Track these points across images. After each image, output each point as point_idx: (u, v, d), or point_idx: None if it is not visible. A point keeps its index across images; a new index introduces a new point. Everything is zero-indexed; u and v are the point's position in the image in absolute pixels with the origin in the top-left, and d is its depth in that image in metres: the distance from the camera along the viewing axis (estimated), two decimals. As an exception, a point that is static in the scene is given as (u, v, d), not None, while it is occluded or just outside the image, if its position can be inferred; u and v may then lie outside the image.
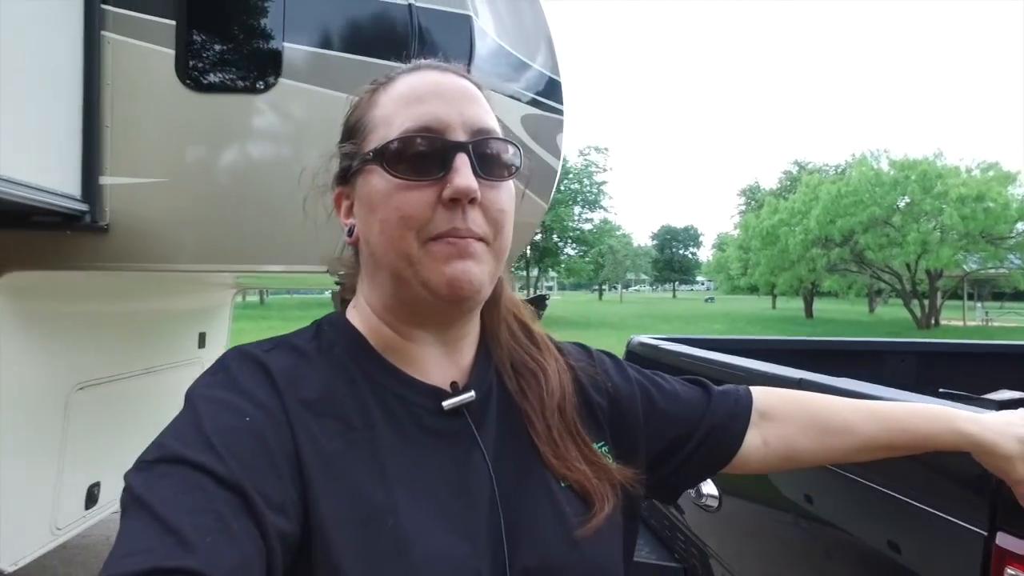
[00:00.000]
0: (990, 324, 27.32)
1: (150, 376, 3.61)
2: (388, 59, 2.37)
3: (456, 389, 0.67)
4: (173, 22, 2.33)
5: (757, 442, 0.82)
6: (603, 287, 76.98)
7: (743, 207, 62.37)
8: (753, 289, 45.89)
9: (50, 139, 2.20)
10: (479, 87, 0.68)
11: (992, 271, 26.02)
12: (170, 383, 3.85)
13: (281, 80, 2.33)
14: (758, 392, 0.85)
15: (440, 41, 2.43)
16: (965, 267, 25.20)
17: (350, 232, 0.70)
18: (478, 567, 0.59)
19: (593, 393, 0.76)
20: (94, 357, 3.05)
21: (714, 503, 1.56)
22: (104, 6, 2.29)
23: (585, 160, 39.56)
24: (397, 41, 2.37)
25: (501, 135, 0.66)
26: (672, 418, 0.79)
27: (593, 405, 0.75)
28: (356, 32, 2.39)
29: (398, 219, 0.61)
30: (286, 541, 0.52)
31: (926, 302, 25.95)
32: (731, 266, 45.30)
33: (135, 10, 2.30)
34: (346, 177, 0.69)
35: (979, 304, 32.08)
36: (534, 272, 37.48)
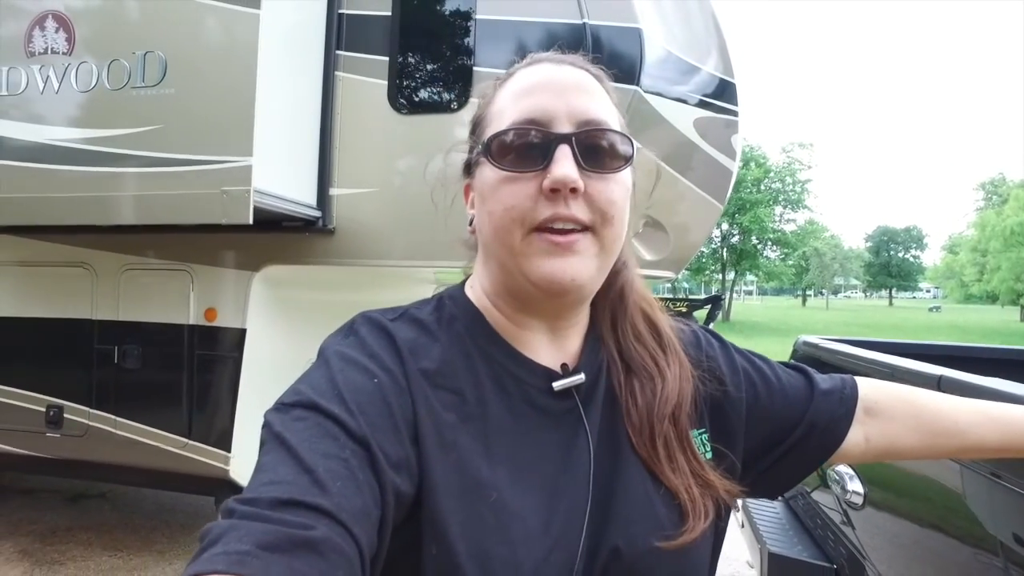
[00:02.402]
0: None
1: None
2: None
3: (566, 371, 0.69)
4: (387, 58, 2.79)
5: (858, 439, 0.78)
6: (807, 292, 70.81)
7: (981, 203, 53.69)
8: (992, 298, 39.35)
9: (297, 160, 2.77)
10: (599, 78, 0.68)
11: None
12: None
13: (472, 99, 2.68)
14: (865, 387, 0.81)
15: (612, 53, 2.61)
16: None
17: (471, 222, 0.72)
18: (573, 546, 0.61)
19: (697, 381, 0.73)
20: (322, 338, 3.69)
21: (859, 500, 1.56)
22: (338, 51, 2.82)
23: (788, 157, 36.84)
24: (571, 58, 2.60)
25: (615, 127, 0.64)
26: (774, 414, 0.76)
27: (697, 392, 0.73)
28: (536, 51, 2.66)
29: (503, 210, 0.62)
30: (401, 499, 0.54)
31: None
32: (964, 271, 39.31)
33: (360, 52, 2.81)
34: (469, 169, 0.71)
35: None
36: (730, 275, 35.69)
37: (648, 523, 0.63)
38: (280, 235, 2.88)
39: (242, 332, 3.00)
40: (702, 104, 2.98)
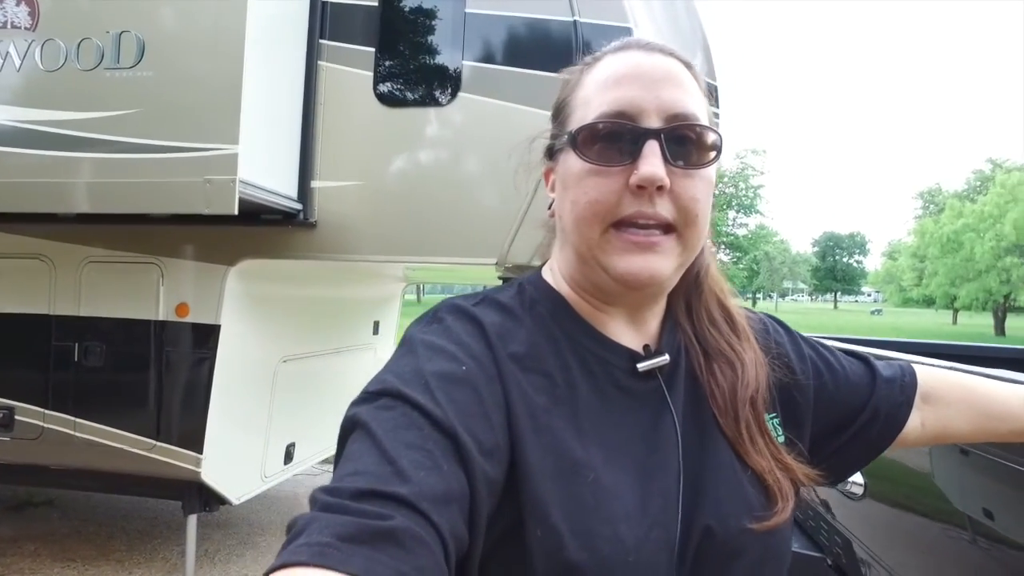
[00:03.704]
0: None
1: (336, 356, 4.15)
2: (555, 71, 2.59)
3: (648, 352, 0.69)
4: (372, 49, 2.73)
5: (915, 424, 0.80)
6: (757, 295, 72.86)
7: (920, 212, 56.28)
8: (929, 302, 41.26)
9: (278, 151, 2.68)
10: (688, 67, 0.65)
11: None
12: (349, 364, 4.39)
13: (461, 94, 2.64)
14: (922, 373, 0.83)
15: (601, 52, 2.61)
16: None
17: (550, 205, 0.72)
18: (668, 523, 0.61)
19: (768, 367, 0.74)
20: (295, 335, 3.60)
21: (859, 490, 1.59)
22: (322, 40, 2.74)
23: (741, 163, 37.81)
24: (563, 54, 2.59)
25: (703, 120, 0.63)
26: (839, 401, 0.78)
27: (768, 377, 0.74)
28: (526, 48, 2.64)
29: (586, 203, 0.62)
30: (492, 486, 0.54)
31: None
32: (903, 276, 41.11)
33: (345, 41, 2.73)
34: (552, 154, 0.71)
35: None
36: (683, 277, 36.37)
37: (739, 503, 0.64)
38: (258, 228, 2.78)
39: (216, 328, 2.89)
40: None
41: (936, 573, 1.39)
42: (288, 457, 3.73)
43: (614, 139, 0.61)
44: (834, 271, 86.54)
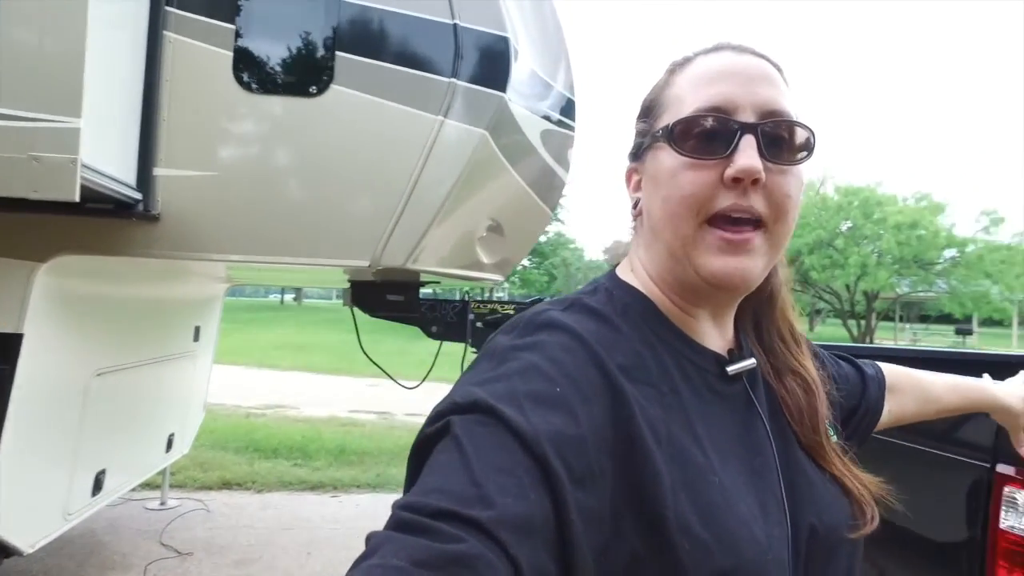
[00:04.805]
0: (917, 343, 29.19)
1: (154, 367, 3.66)
2: (434, 73, 2.56)
3: (733, 356, 0.70)
4: (233, 27, 2.45)
5: (884, 412, 0.92)
6: (540, 295, 77.46)
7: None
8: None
9: (113, 130, 2.29)
10: (778, 69, 0.67)
11: (921, 294, 27.72)
12: (167, 375, 3.90)
13: (334, 86, 2.48)
14: (885, 369, 0.96)
15: (481, 59, 2.62)
16: (898, 290, 26.76)
17: (635, 205, 0.72)
18: (783, 521, 0.63)
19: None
20: (112, 344, 3.10)
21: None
22: (168, 8, 2.40)
23: (542, 172, 39.90)
24: (442, 56, 2.56)
25: (795, 118, 0.64)
26: (847, 403, 0.84)
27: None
28: (405, 46, 2.56)
29: (680, 197, 0.62)
30: (591, 515, 0.51)
31: (862, 322, 27.45)
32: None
33: (198, 13, 2.42)
34: (638, 153, 0.70)
35: (908, 325, 34.03)
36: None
37: (832, 504, 0.67)
38: (80, 219, 2.35)
39: (17, 339, 2.38)
40: (548, 118, 3.14)
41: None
42: (97, 487, 3.20)
43: (710, 133, 0.62)
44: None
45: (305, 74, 2.52)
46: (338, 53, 2.50)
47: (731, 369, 0.68)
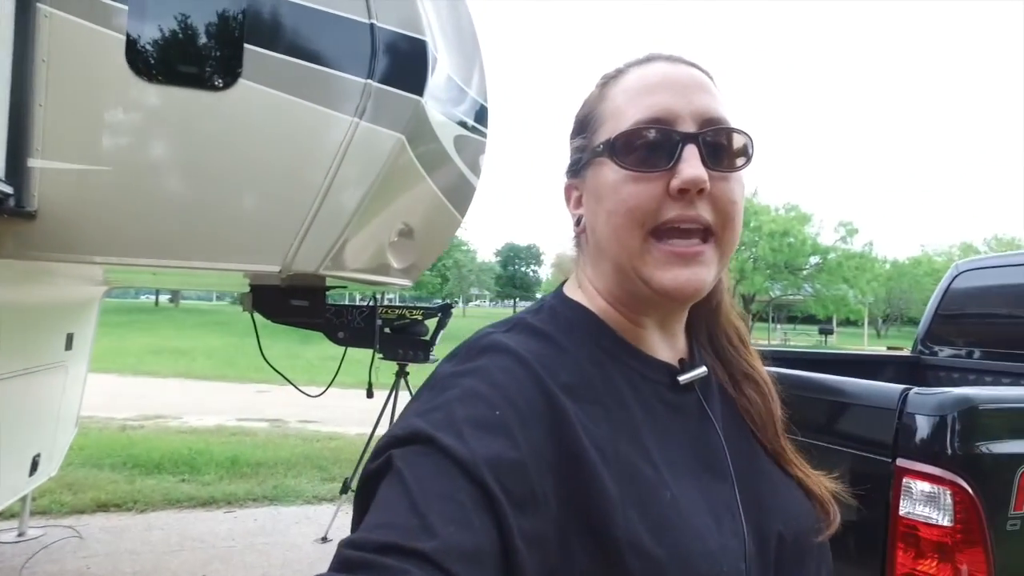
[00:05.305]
0: (787, 342, 32.00)
1: (20, 380, 3.30)
2: (348, 72, 2.48)
3: (684, 366, 0.70)
4: (125, 6, 2.25)
5: None
6: (447, 300, 77.18)
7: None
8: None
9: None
10: (710, 77, 0.67)
11: (791, 297, 30.29)
12: (35, 389, 3.53)
13: (242, 80, 2.34)
14: None
15: (398, 61, 2.57)
16: (771, 293, 29.05)
17: (578, 222, 0.71)
18: (738, 532, 0.62)
19: None
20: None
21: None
22: (45, -21, 2.16)
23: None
24: (358, 56, 2.48)
25: (733, 125, 0.64)
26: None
27: None
28: (319, 43, 2.46)
29: (625, 211, 0.62)
30: (535, 540, 0.50)
31: (740, 323, 29.54)
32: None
33: (83, -11, 2.20)
34: (577, 170, 0.70)
35: (779, 326, 37.03)
36: (382, 283, 36.86)
37: (799, 510, 0.68)
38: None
39: None
40: (462, 123, 3.14)
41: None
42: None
43: (652, 145, 0.61)
44: (514, 279, 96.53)
45: (210, 65, 2.36)
46: (247, 45, 2.36)
47: (682, 379, 0.68)
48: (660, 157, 0.61)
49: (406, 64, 2.59)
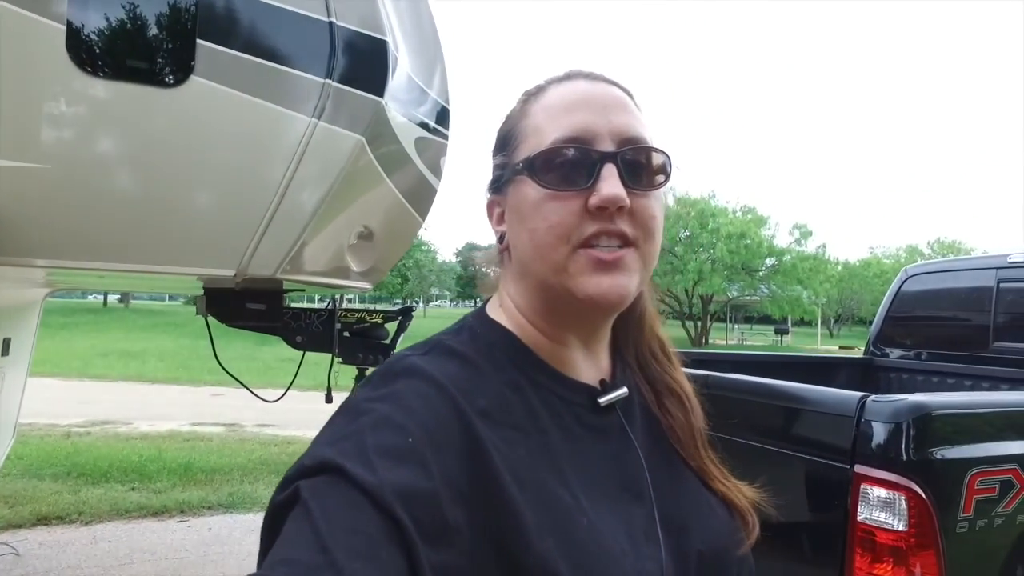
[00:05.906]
0: (744, 342, 32.78)
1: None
2: (307, 71, 2.41)
3: (605, 386, 0.69)
4: (66, -4, 2.14)
5: None
6: (406, 301, 76.76)
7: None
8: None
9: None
10: (630, 95, 0.68)
11: (748, 298, 30.97)
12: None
13: (194, 77, 2.25)
14: None
15: (358, 60, 2.51)
16: (729, 294, 29.65)
17: (501, 239, 0.71)
18: (654, 554, 0.62)
19: None
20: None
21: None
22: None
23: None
24: (317, 55, 2.42)
25: (652, 144, 0.65)
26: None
27: None
28: (276, 40, 2.39)
29: (547, 228, 0.62)
30: (442, 572, 0.50)
31: (698, 323, 30.13)
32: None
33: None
34: (499, 186, 0.70)
35: (736, 326, 37.86)
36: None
37: (720, 527, 0.68)
38: None
39: None
40: (423, 125, 3.09)
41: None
42: None
43: (571, 164, 0.62)
44: (475, 280, 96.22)
45: (160, 61, 2.27)
46: (200, 41, 2.27)
47: (603, 400, 0.68)
48: (579, 176, 0.62)
49: (366, 64, 2.53)
